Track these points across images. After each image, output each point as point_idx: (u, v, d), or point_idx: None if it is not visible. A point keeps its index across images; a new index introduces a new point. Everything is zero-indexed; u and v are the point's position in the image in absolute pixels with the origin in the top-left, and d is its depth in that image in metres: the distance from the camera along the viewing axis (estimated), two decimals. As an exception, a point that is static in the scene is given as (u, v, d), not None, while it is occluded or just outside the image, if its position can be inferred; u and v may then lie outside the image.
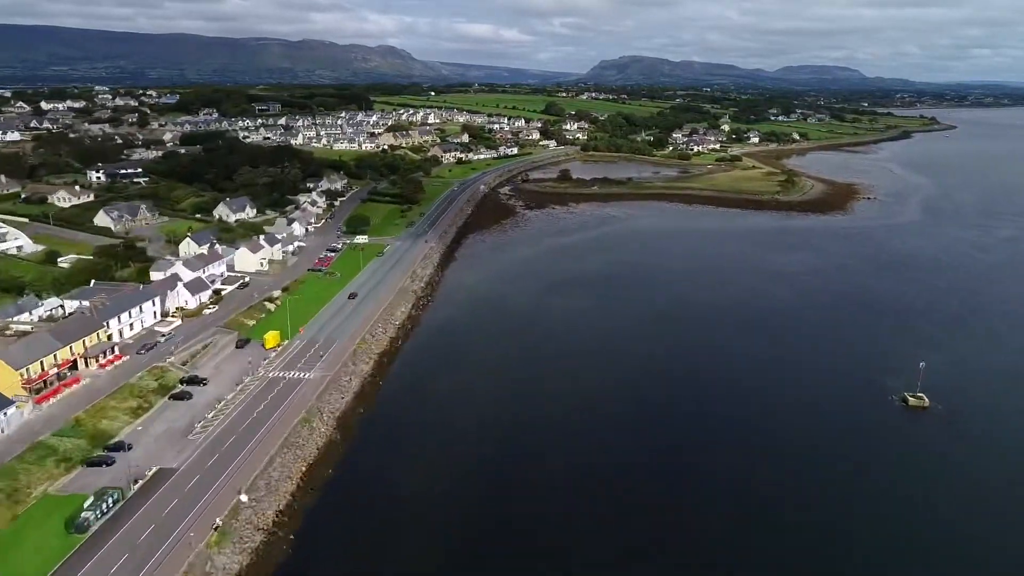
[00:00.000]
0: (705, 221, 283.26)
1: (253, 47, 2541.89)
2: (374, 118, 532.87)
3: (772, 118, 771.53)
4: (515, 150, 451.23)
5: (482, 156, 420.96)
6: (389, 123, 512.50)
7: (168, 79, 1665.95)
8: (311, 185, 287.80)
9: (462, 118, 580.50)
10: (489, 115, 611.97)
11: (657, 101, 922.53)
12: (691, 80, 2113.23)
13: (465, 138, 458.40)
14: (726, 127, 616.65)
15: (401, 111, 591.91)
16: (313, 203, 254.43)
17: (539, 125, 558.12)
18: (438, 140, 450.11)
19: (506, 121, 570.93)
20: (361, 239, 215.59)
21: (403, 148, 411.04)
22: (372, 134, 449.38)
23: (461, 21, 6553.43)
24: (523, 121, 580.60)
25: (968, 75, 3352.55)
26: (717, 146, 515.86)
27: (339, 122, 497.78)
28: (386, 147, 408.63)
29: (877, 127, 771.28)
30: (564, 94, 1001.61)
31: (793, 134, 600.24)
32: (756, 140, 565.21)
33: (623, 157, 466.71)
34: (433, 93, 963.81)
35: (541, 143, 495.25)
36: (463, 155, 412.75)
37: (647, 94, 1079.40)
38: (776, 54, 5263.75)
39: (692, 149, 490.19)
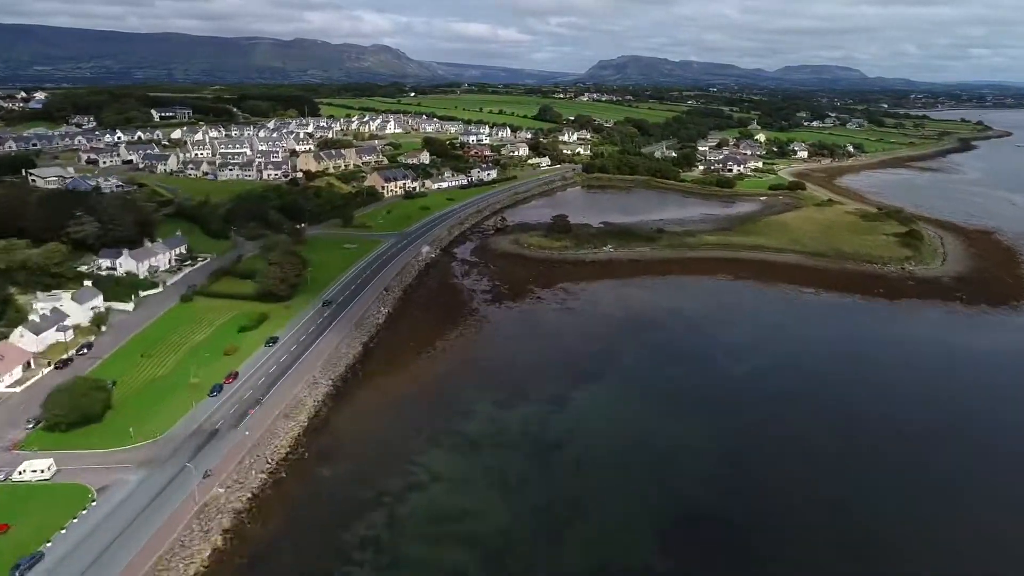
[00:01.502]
0: (813, 328, 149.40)
1: (244, 46, 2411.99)
2: (311, 128, 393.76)
3: (805, 124, 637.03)
4: (493, 173, 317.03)
5: (445, 185, 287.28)
6: (329, 135, 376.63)
7: (155, 79, 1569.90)
8: (105, 263, 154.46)
9: (431, 127, 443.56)
10: (468, 122, 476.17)
11: (667, 104, 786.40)
12: (691, 80, 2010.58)
13: (425, 157, 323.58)
14: (761, 137, 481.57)
15: (354, 118, 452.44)
16: (41, 324, 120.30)
17: (528, 136, 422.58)
18: (385, 160, 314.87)
19: (487, 131, 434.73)
20: (40, 470, 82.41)
21: (330, 175, 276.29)
22: (294, 152, 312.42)
23: (458, 21, 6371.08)
24: (508, 131, 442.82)
25: (967, 75, 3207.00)
26: (759, 164, 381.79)
27: (260, 133, 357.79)
28: (301, 174, 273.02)
29: (929, 135, 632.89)
30: (561, 96, 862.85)
31: (847, 146, 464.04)
32: (804, 155, 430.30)
33: (641, 182, 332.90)
34: (414, 93, 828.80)
35: (530, 162, 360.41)
36: (416, 184, 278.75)
37: (653, 95, 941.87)
38: (774, 54, 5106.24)
39: (731, 169, 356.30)
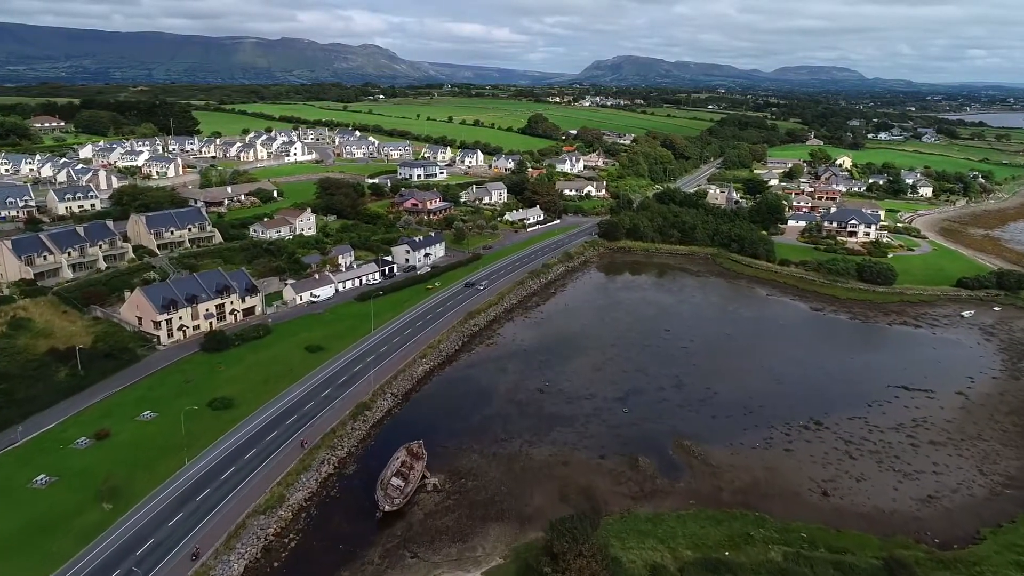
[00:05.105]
0: None
1: (227, 46, 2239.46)
2: (143, 157, 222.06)
3: (869, 136, 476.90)
4: (440, 249, 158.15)
5: (327, 293, 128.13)
6: (169, 172, 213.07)
7: (133, 79, 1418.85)
8: None
9: (361, 151, 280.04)
10: (424, 139, 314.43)
11: (686, 109, 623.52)
12: (689, 81, 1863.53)
13: (307, 222, 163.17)
14: (847, 161, 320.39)
15: (245, 138, 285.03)
16: None
17: (510, 165, 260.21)
18: (215, 237, 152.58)
19: (447, 155, 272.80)
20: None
21: (46, 290, 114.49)
22: (32, 218, 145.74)
23: (452, 21, 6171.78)
24: (479, 156, 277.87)
25: (965, 76, 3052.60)
26: (882, 214, 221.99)
27: (45, 170, 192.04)
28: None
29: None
30: (556, 100, 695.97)
31: (979, 177, 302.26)
32: (928, 192, 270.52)
33: (703, 260, 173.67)
34: (383, 96, 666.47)
35: (508, 217, 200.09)
36: (254, 302, 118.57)
37: (662, 97, 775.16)
38: (769, 55, 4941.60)
39: (853, 231, 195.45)
